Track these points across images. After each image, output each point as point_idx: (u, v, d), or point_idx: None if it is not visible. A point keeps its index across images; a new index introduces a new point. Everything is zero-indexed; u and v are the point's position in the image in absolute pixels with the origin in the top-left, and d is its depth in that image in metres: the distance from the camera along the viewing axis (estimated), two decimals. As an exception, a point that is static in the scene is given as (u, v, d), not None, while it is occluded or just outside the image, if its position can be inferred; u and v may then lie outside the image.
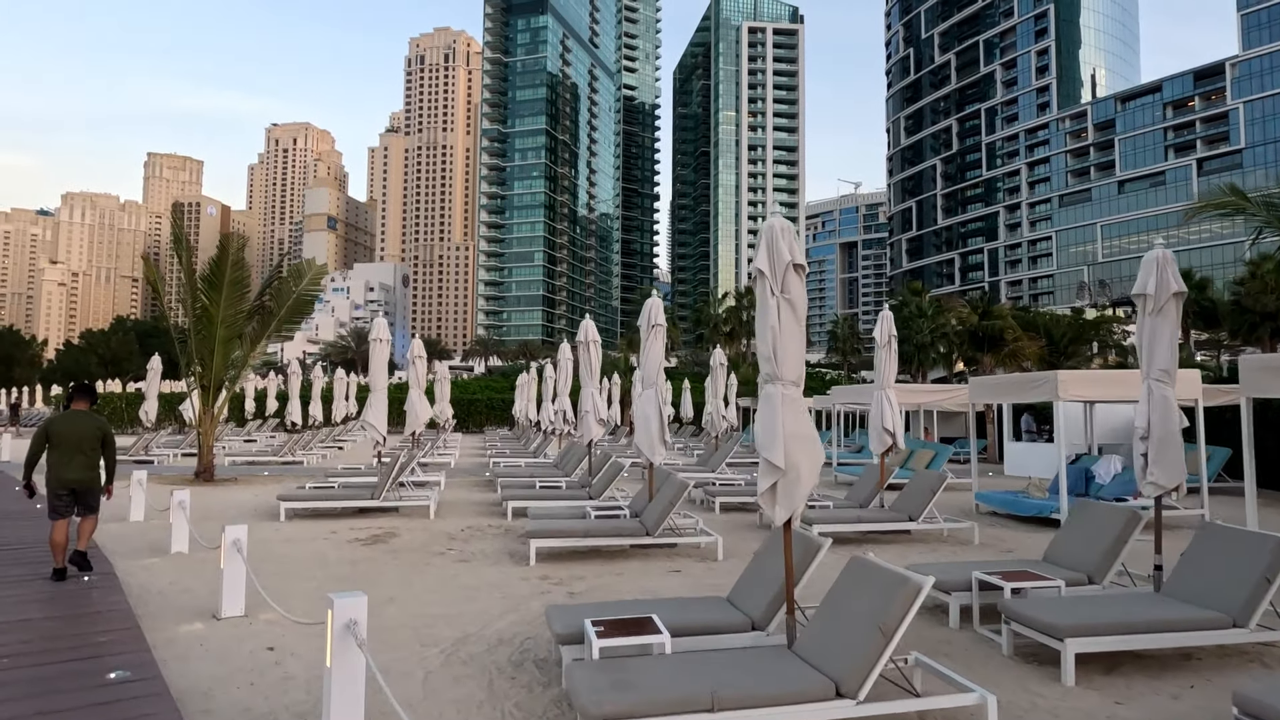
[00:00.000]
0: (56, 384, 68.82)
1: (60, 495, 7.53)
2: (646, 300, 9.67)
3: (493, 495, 14.43)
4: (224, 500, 13.67)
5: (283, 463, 21.90)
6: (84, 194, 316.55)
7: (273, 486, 16.12)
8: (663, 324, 9.53)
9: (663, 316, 9.56)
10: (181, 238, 15.69)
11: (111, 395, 43.06)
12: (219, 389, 16.77)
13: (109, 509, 11.71)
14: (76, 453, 7.55)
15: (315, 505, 11.40)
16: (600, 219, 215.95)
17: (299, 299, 17.36)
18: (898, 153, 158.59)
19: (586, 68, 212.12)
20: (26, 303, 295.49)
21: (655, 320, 9.49)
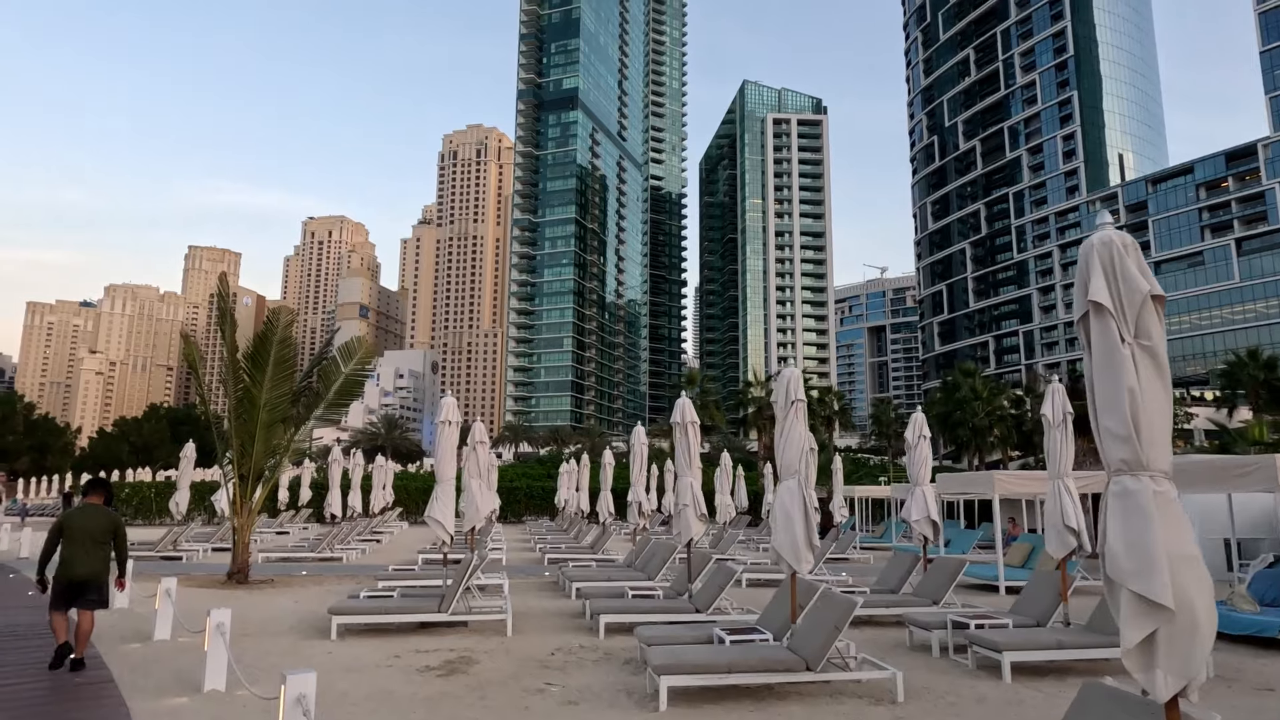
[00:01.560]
0: (87, 472, 68.01)
1: (62, 587, 7.50)
2: (784, 372, 8.00)
3: (569, 603, 12.52)
4: (262, 609, 11.87)
5: (320, 559, 20.11)
6: (125, 286, 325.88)
7: (313, 589, 14.32)
8: (803, 399, 7.83)
9: (803, 391, 7.87)
10: (226, 312, 14.44)
11: (141, 484, 41.76)
12: (258, 479, 15.18)
13: (129, 625, 10.00)
14: (89, 547, 7.54)
15: (373, 621, 9.59)
16: (628, 305, 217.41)
17: (348, 379, 15.93)
18: (925, 237, 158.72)
19: (615, 160, 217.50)
20: (65, 391, 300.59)
21: (795, 395, 7.80)
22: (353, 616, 9.53)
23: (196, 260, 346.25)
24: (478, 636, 9.67)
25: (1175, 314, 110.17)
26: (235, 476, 14.93)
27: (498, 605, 10.73)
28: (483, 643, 9.32)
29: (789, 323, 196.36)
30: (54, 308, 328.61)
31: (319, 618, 10.97)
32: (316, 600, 12.85)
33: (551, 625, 10.56)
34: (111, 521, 7.84)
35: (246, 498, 14.98)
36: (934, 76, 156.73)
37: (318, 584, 15.25)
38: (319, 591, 13.99)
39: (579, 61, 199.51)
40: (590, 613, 10.85)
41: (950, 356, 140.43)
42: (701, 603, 9.91)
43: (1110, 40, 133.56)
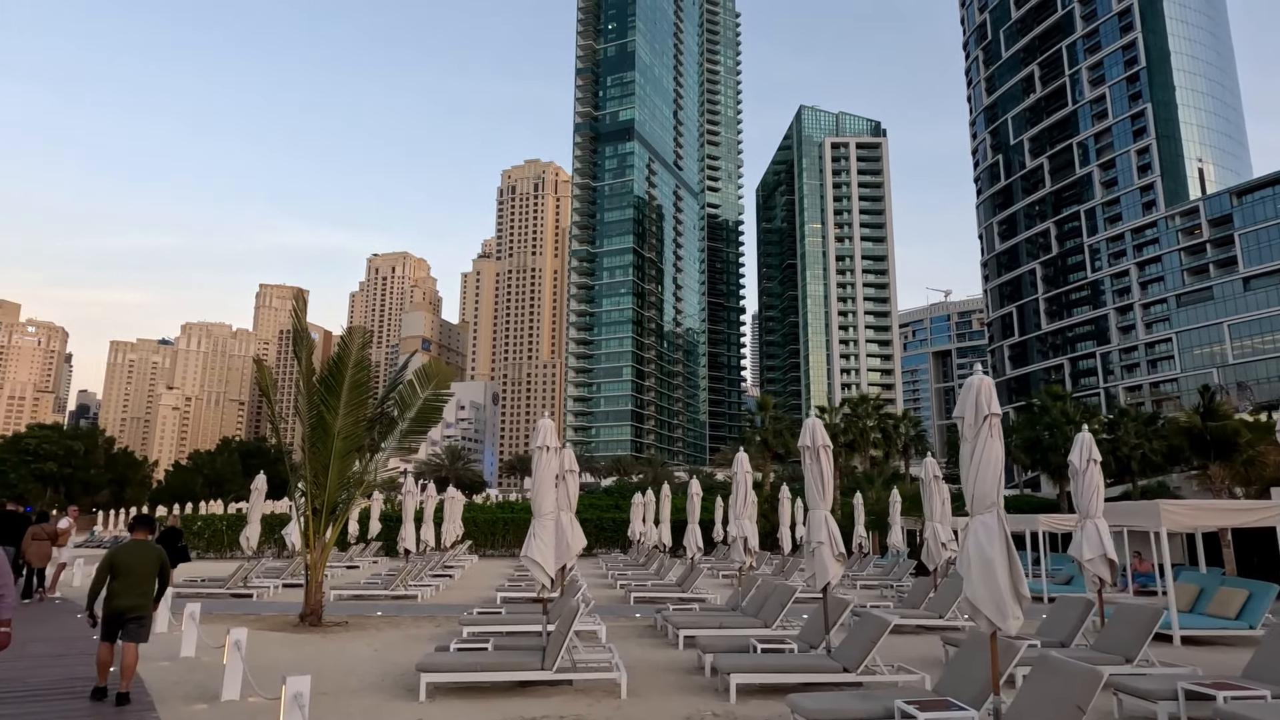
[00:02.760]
0: (163, 504, 69.24)
1: (111, 620, 7.75)
2: (970, 381, 6.50)
3: (677, 655, 11.03)
4: (339, 659, 10.69)
5: (394, 597, 19.00)
6: (201, 324, 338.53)
7: (390, 634, 13.13)
8: (998, 413, 6.31)
9: (997, 404, 6.35)
10: (301, 334, 13.54)
11: (213, 517, 41.71)
12: (331, 512, 14.15)
13: (194, 680, 8.89)
14: (138, 580, 7.82)
15: (467, 680, 8.26)
16: (687, 333, 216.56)
17: (425, 405, 14.86)
18: (993, 258, 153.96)
19: (671, 189, 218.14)
20: (144, 426, 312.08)
21: (989, 409, 6.28)
22: (444, 675, 8.22)
23: (267, 298, 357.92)
24: (587, 700, 8.27)
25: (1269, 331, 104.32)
26: (308, 510, 13.92)
27: (604, 660, 9.32)
28: (596, 708, 7.91)
29: (852, 348, 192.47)
30: (134, 346, 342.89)
31: (403, 672, 9.71)
32: (397, 648, 11.64)
33: (668, 684, 9.09)
34: (158, 557, 8.11)
35: (319, 533, 13.95)
36: (997, 94, 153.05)
37: (395, 626, 14.07)
38: (397, 637, 12.80)
39: (634, 93, 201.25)
40: (711, 668, 9.37)
41: (1023, 380, 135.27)
42: (848, 660, 8.34)
43: (1184, 50, 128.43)
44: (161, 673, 9.47)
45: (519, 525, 40.48)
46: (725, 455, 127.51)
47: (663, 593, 19.00)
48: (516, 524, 40.57)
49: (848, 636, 8.90)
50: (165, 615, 12.74)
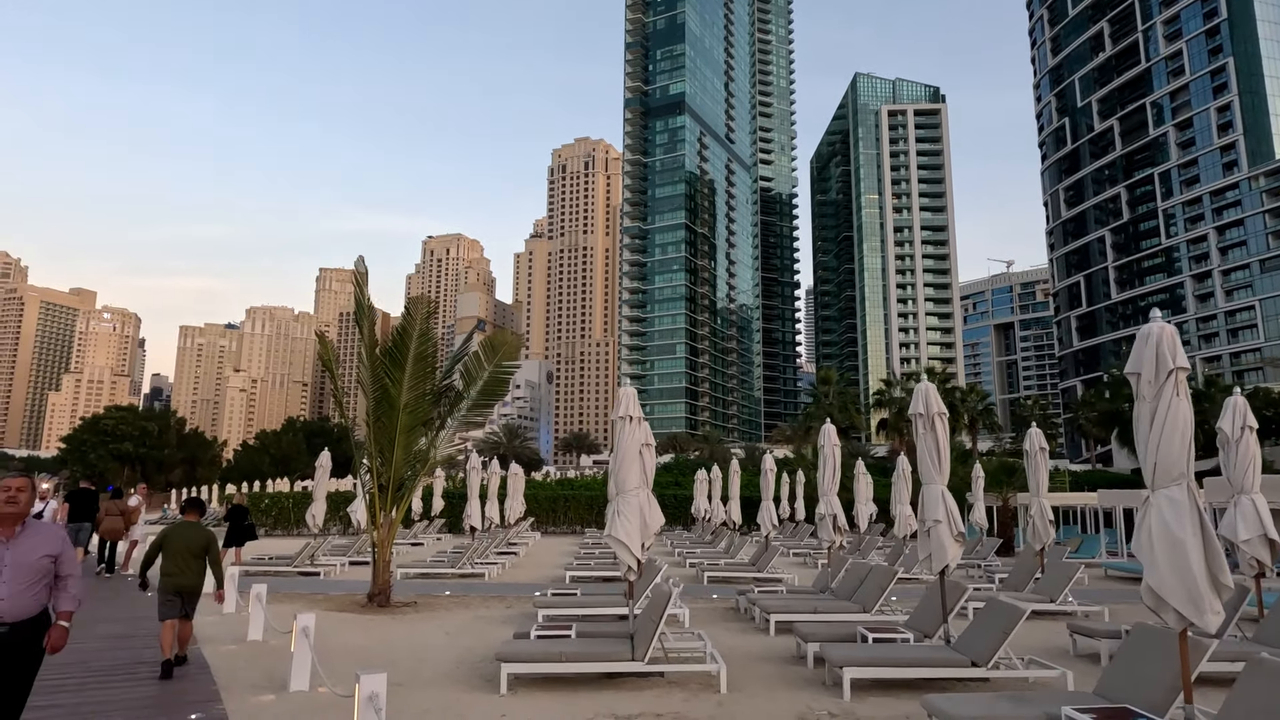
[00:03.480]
0: (232, 482, 71.03)
1: (169, 598, 8.12)
2: (1149, 330, 5.43)
3: (769, 641, 10.18)
4: (410, 644, 10.11)
5: (460, 575, 18.56)
6: (264, 308, 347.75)
7: (461, 615, 12.56)
8: (1186, 367, 5.24)
9: (1184, 357, 5.28)
10: (364, 305, 12.94)
11: (280, 495, 42.29)
12: (398, 489, 13.61)
13: (261, 666, 8.36)
14: (188, 559, 8.25)
15: (551, 671, 7.53)
16: (740, 309, 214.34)
17: (492, 377, 14.18)
18: (1058, 226, 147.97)
19: (723, 163, 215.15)
20: (213, 407, 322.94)
21: (1175, 362, 5.22)
22: (526, 665, 7.50)
23: (326, 282, 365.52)
24: (682, 694, 7.47)
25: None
26: (374, 486, 13.40)
27: (696, 649, 8.52)
28: (694, 705, 7.11)
29: (911, 321, 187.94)
30: (202, 330, 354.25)
31: (479, 659, 9.07)
32: (469, 631, 11.04)
33: (768, 677, 8.24)
34: (206, 538, 8.49)
35: (386, 510, 13.43)
36: (1063, 55, 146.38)
37: (464, 607, 13.53)
38: (468, 618, 12.22)
39: (685, 66, 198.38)
40: (814, 659, 8.49)
41: (1091, 352, 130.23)
42: (976, 653, 7.37)
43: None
44: (228, 658, 8.99)
45: (580, 503, 40.11)
46: (782, 432, 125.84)
47: (737, 572, 18.19)
48: (577, 501, 40.19)
49: (971, 626, 7.92)
50: (232, 596, 12.39)
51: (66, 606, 4.84)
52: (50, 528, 4.83)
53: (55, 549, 4.73)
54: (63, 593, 4.83)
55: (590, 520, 39.20)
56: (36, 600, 4.63)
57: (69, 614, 4.83)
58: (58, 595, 4.81)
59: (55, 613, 4.82)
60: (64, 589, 4.83)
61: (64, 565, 4.80)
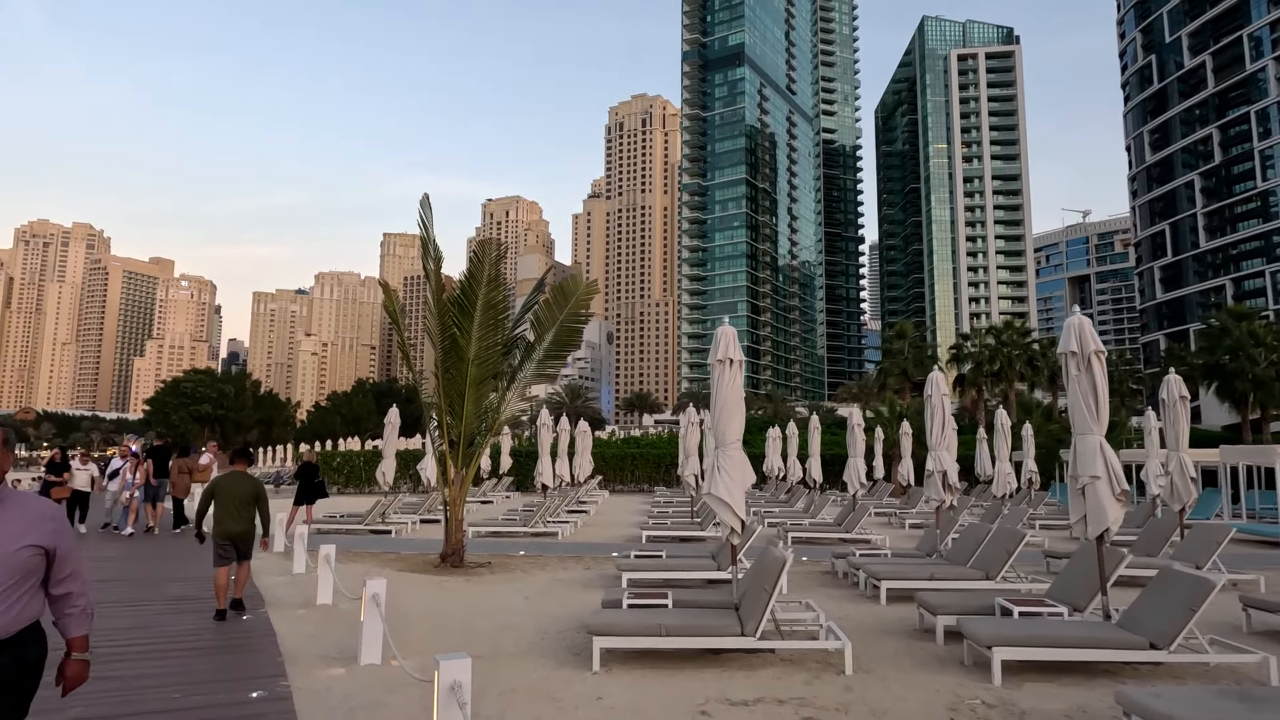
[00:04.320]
0: (305, 442, 72.74)
1: (223, 545, 8.42)
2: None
3: (879, 609, 9.13)
4: (488, 609, 9.37)
5: (533, 534, 17.95)
6: (332, 273, 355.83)
7: (539, 577, 11.83)
8: None
9: None
10: (430, 246, 12.07)
11: (351, 454, 42.72)
12: (469, 445, 12.88)
13: (330, 636, 7.66)
14: (236, 507, 8.47)
15: (649, 645, 6.63)
16: (803, 266, 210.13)
17: (564, 326, 13.26)
18: (1141, 172, 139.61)
19: (784, 115, 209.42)
20: (286, 370, 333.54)
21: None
22: (621, 639, 6.61)
23: (391, 246, 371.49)
24: (802, 675, 6.49)
25: None
26: (444, 442, 12.69)
27: (808, 619, 7.52)
28: (820, 689, 6.12)
29: (981, 275, 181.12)
30: (274, 296, 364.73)
31: (563, 628, 8.25)
32: (549, 596, 10.26)
33: (895, 654, 7.19)
34: (255, 487, 8.72)
35: (457, 467, 12.72)
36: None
37: (540, 568, 12.81)
38: (546, 581, 11.47)
39: (744, 15, 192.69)
40: (944, 633, 7.41)
41: (1176, 305, 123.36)
42: (1156, 632, 6.18)
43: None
44: (296, 623, 8.36)
45: (647, 461, 39.48)
46: (849, 389, 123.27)
47: (822, 533, 17.15)
48: (645, 459, 39.57)
49: (1141, 600, 6.70)
50: (302, 556, 11.89)
51: (77, 631, 3.28)
52: (38, 505, 3.16)
53: (46, 539, 3.09)
54: (68, 610, 3.25)
55: (658, 478, 38.55)
56: (16, 612, 3.01)
57: (83, 640, 3.31)
58: (62, 613, 3.25)
59: (65, 639, 3.30)
60: (69, 604, 3.24)
61: (63, 565, 3.19)
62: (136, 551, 14.42)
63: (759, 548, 8.79)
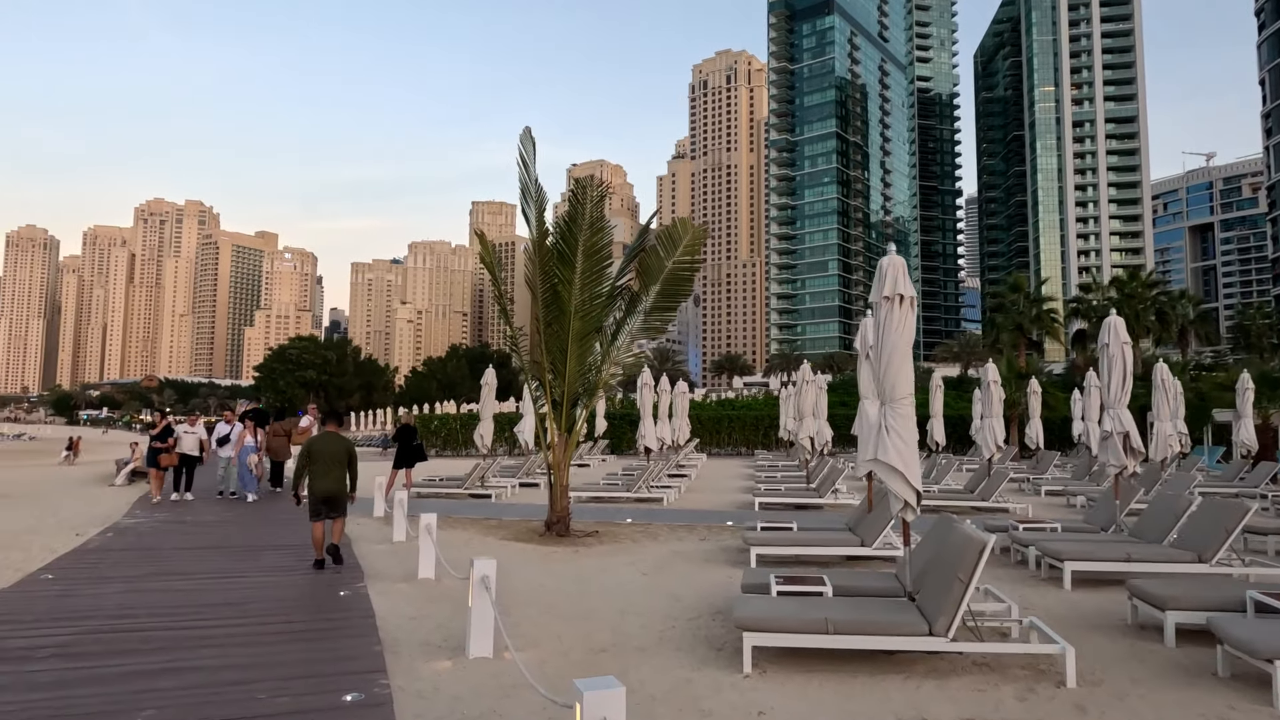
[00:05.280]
0: (403, 406, 74.41)
1: (318, 504, 8.95)
2: None
3: (1063, 595, 7.66)
4: (604, 587, 8.36)
5: (636, 500, 17.00)
6: (424, 243, 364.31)
7: (651, 549, 10.78)
8: None
9: None
10: (530, 186, 11.00)
11: (447, 417, 43.00)
12: (573, 405, 11.88)
13: (435, 617, 6.71)
14: (330, 467, 8.96)
15: (811, 644, 5.42)
16: (896, 222, 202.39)
17: (672, 274, 12.01)
18: (1277, 108, 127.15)
19: (876, 64, 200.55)
20: (385, 338, 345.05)
21: None
22: (780, 636, 5.42)
23: (479, 215, 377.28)
24: (1012, 687, 5.17)
25: None
26: (547, 402, 11.73)
27: (999, 611, 6.16)
28: (1039, 705, 4.80)
29: (1091, 226, 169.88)
30: (371, 266, 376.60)
31: (691, 610, 7.15)
32: (669, 571, 9.19)
33: (1121, 658, 5.77)
34: (347, 446, 9.13)
35: (561, 429, 11.75)
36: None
37: (651, 538, 11.78)
38: (662, 553, 10.41)
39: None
40: (1175, 633, 5.93)
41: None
42: None
43: None
44: (396, 601, 7.53)
45: (744, 423, 38.18)
46: (948, 349, 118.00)
47: (951, 500, 15.57)
48: (742, 422, 38.28)
49: None
50: (401, 523, 11.19)
51: None
52: None
53: None
54: None
55: (756, 441, 37.24)
56: None
57: None
58: None
59: None
60: None
61: None
62: (237, 516, 14.14)
63: (926, 522, 7.43)
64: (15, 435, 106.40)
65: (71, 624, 6.45)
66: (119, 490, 20.79)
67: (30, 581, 8.24)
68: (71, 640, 5.97)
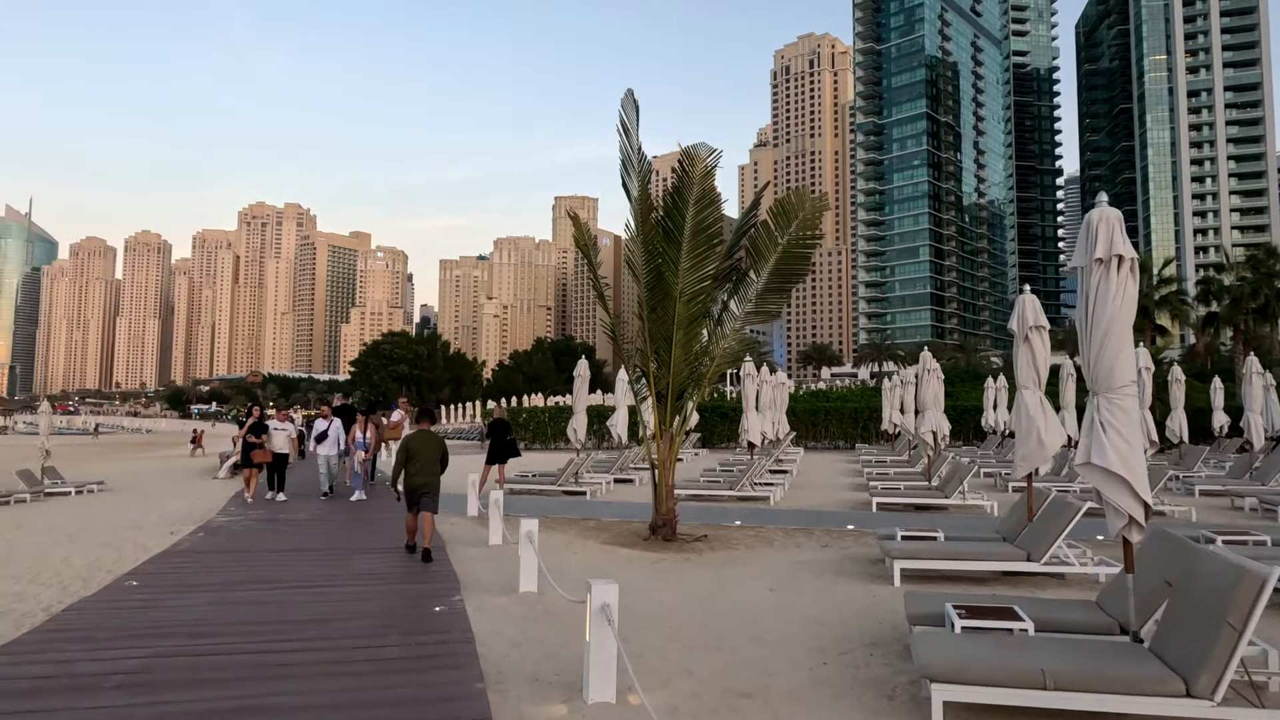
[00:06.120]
0: (491, 399, 75.14)
1: (411, 494, 9.48)
2: None
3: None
4: (729, 603, 7.31)
5: (740, 498, 15.89)
6: (509, 239, 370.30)
7: (771, 557, 9.67)
8: None
9: None
10: (632, 155, 10.04)
11: (535, 409, 42.73)
12: (678, 396, 10.85)
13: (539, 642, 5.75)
14: (425, 463, 9.45)
15: (1028, 701, 4.23)
16: (991, 204, 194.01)
17: (788, 252, 10.81)
18: None
19: (969, 40, 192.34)
20: (472, 332, 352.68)
21: None
22: (979, 690, 4.27)
23: (561, 209, 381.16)
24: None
25: None
26: (651, 394, 10.74)
27: (1253, 658, 4.84)
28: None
29: (1210, 204, 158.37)
30: (458, 263, 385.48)
31: (841, 640, 6.03)
32: (799, 587, 8.05)
33: None
34: (442, 443, 9.71)
35: (666, 424, 10.74)
36: None
37: (767, 544, 10.67)
38: (786, 564, 9.27)
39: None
40: None
41: None
42: None
43: None
44: (497, 621, 6.65)
45: (841, 416, 36.45)
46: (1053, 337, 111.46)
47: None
48: (838, 414, 36.56)
49: None
50: (498, 525, 10.40)
51: None
52: None
53: None
54: None
55: (855, 435, 35.50)
56: None
57: None
58: None
59: None
60: None
61: None
62: (329, 514, 13.69)
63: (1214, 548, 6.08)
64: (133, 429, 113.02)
65: (146, 644, 5.81)
66: (220, 484, 20.95)
67: (115, 588, 7.76)
68: (142, 666, 5.30)
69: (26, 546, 11.65)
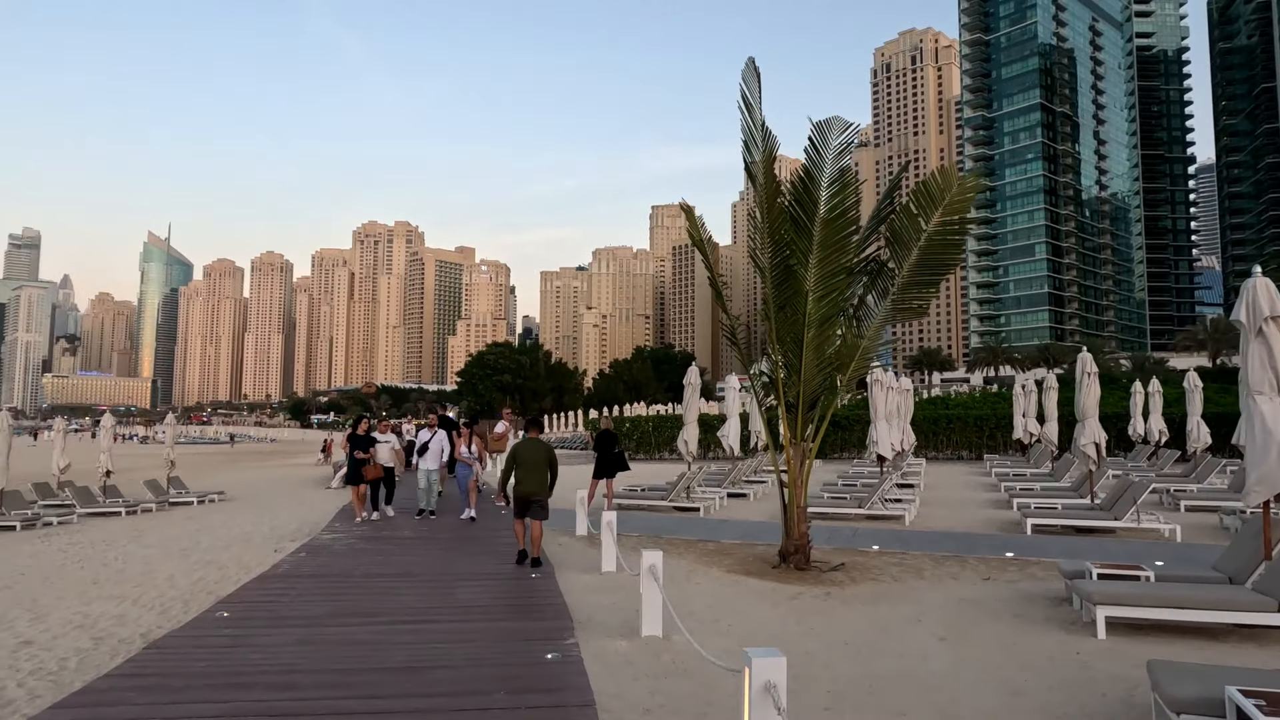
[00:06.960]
0: (593, 408, 75.09)
1: (520, 502, 9.54)
2: None
3: None
4: (890, 656, 6.04)
5: (869, 517, 14.41)
6: (607, 249, 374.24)
7: (926, 593, 8.28)
8: None
9: None
10: (756, 133, 8.91)
11: (639, 419, 41.95)
12: (810, 406, 9.60)
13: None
14: (533, 470, 9.48)
15: None
16: (1114, 198, 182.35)
17: (934, 240, 9.40)
18: None
19: (1086, 24, 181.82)
20: (572, 342, 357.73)
21: None
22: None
23: (659, 218, 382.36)
24: None
25: None
26: (780, 404, 9.53)
27: None
28: None
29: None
30: (558, 274, 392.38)
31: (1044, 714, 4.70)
32: (976, 635, 6.69)
33: None
34: (548, 451, 9.70)
35: (798, 436, 9.50)
36: None
37: (917, 575, 9.26)
38: (944, 602, 7.88)
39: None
40: None
41: None
42: None
43: None
44: (620, 678, 5.60)
45: (965, 424, 34.02)
46: (1192, 335, 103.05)
47: None
48: (961, 422, 34.13)
49: None
50: (611, 550, 9.38)
51: None
52: None
53: None
54: None
55: (980, 444, 33.02)
56: None
57: None
58: None
59: None
60: None
61: None
62: (433, 534, 13.03)
63: None
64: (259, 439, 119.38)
65: (226, 696, 5.06)
66: (332, 494, 20.95)
67: (203, 621, 7.15)
68: (215, 727, 4.52)
69: (138, 562, 11.48)
